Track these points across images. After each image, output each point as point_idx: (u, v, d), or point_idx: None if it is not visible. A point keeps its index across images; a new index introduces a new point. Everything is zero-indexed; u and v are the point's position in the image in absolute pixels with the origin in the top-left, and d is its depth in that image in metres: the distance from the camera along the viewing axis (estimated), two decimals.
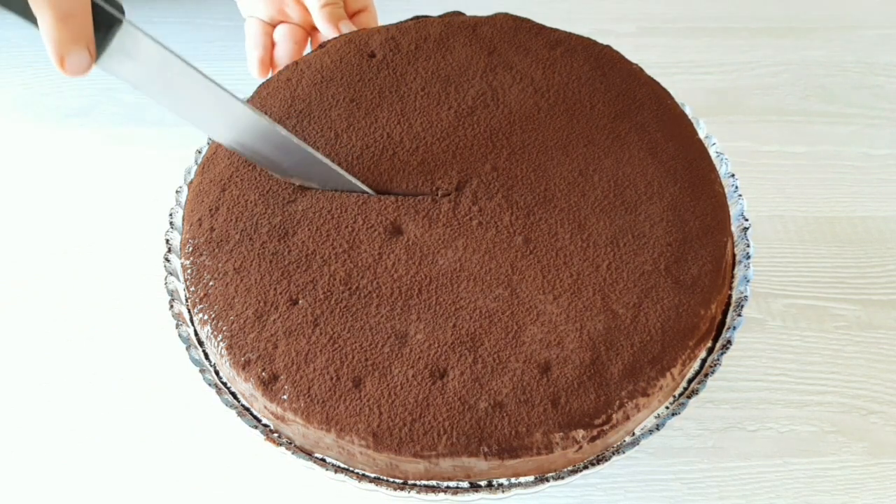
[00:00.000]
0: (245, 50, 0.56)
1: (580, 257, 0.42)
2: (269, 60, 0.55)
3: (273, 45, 0.56)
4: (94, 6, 0.36)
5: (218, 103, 0.41)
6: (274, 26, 0.56)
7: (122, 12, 0.37)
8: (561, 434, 0.37)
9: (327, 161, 0.44)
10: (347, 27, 0.53)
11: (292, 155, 0.43)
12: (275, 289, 0.41)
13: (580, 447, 0.38)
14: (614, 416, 0.38)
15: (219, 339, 0.40)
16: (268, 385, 0.39)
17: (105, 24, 0.37)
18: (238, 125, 0.43)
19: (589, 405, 0.37)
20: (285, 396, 0.38)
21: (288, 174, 0.44)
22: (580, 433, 0.37)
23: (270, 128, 0.43)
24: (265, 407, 0.39)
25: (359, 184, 0.44)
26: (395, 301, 0.40)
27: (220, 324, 0.40)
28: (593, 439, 0.38)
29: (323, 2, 0.53)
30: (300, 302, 0.41)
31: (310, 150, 0.43)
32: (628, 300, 0.40)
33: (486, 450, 0.37)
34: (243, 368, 0.39)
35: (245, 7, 0.57)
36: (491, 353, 0.39)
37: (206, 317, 0.41)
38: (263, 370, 0.39)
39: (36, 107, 0.63)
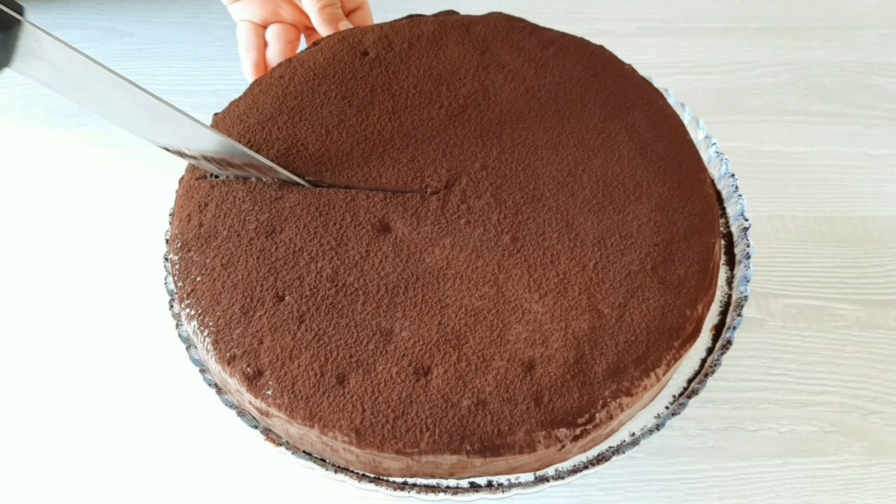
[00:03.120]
0: (239, 53, 0.56)
1: (567, 257, 0.42)
2: (263, 63, 0.55)
3: (266, 46, 0.56)
4: None
5: (130, 98, 0.41)
6: (265, 27, 0.56)
7: (21, 13, 0.37)
8: (544, 433, 0.37)
9: (248, 150, 0.44)
10: (346, 27, 0.53)
11: (214, 146, 0.43)
12: (261, 285, 0.41)
13: (563, 446, 0.38)
14: (598, 415, 0.38)
15: (205, 334, 0.40)
16: (252, 380, 0.39)
17: (4, 25, 0.37)
18: (151, 118, 0.42)
19: (572, 404, 0.38)
20: (269, 392, 0.38)
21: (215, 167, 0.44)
22: (563, 432, 0.37)
23: (181, 118, 0.42)
24: (250, 402, 0.39)
25: (290, 175, 0.44)
26: (382, 298, 0.40)
27: (206, 319, 0.41)
28: (576, 438, 0.38)
29: (321, 4, 0.53)
30: (286, 298, 0.41)
31: (224, 137, 0.43)
32: (614, 300, 0.40)
33: (468, 448, 0.37)
34: (228, 364, 0.39)
35: (236, 11, 0.57)
36: (475, 351, 0.39)
37: (192, 312, 0.41)
38: (248, 366, 0.39)
39: (36, 107, 0.63)
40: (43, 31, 0.38)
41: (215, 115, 0.48)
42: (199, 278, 0.42)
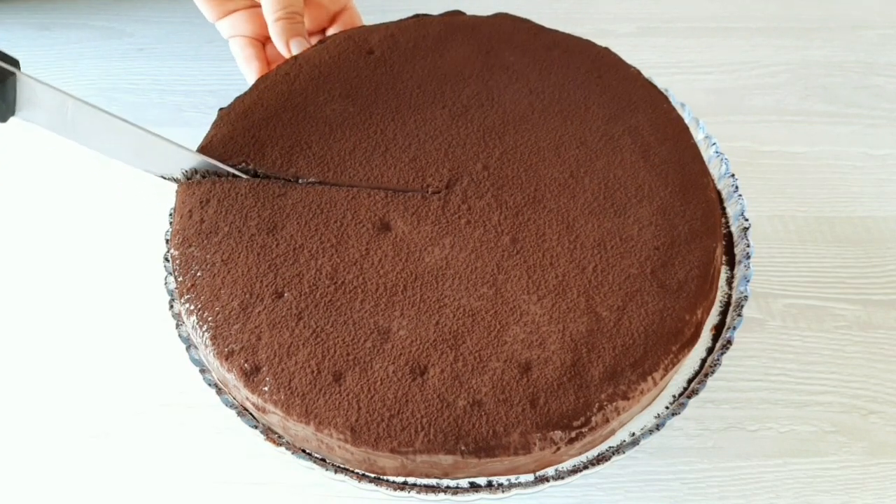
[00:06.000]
0: (239, 67, 0.56)
1: (566, 259, 0.42)
2: (266, 70, 0.55)
3: (265, 53, 0.55)
4: None
5: (119, 132, 0.43)
6: (259, 41, 0.56)
7: (18, 66, 0.40)
8: (539, 435, 0.37)
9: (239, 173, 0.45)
10: (298, 46, 0.51)
11: (204, 166, 0.45)
12: (261, 281, 0.41)
13: (558, 448, 0.37)
14: (593, 418, 0.38)
15: (204, 329, 0.40)
16: (250, 376, 0.39)
17: (2, 77, 0.39)
18: (142, 149, 0.44)
19: (568, 407, 0.37)
20: (266, 388, 0.38)
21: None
22: (558, 434, 0.37)
23: (180, 151, 0.44)
24: (247, 398, 0.39)
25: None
26: (380, 297, 0.41)
27: (205, 314, 0.41)
28: (571, 441, 0.37)
29: (277, 14, 0.51)
30: (285, 295, 0.41)
31: (219, 164, 0.45)
32: (612, 303, 0.40)
33: (463, 448, 0.37)
34: (226, 359, 0.39)
35: (224, 28, 0.56)
36: (472, 351, 0.39)
37: (192, 307, 0.41)
38: (246, 361, 0.39)
39: None
40: (35, 80, 0.40)
41: (220, 109, 0.49)
42: (199, 273, 0.42)
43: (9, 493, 0.46)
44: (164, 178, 0.46)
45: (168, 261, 0.44)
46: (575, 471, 0.39)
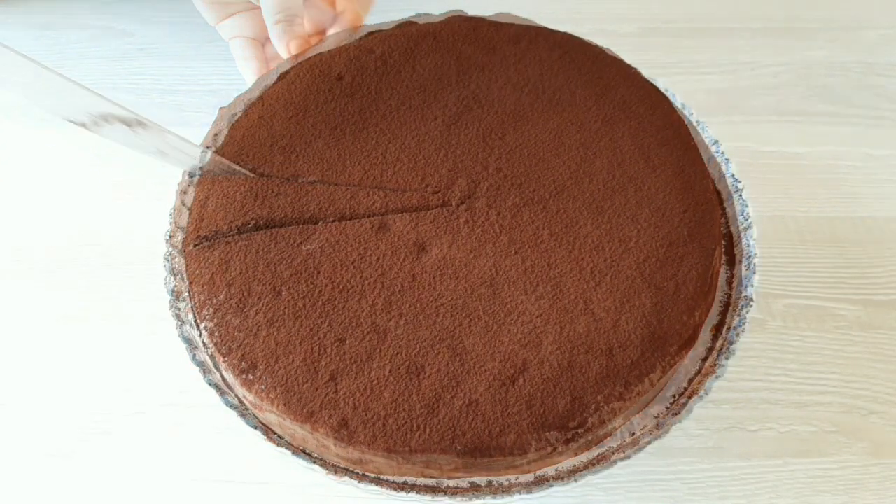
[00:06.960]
0: (238, 68, 0.56)
1: (564, 259, 0.42)
2: (265, 71, 0.55)
3: (265, 54, 0.55)
4: None
5: (42, 83, 0.41)
6: (259, 41, 0.56)
7: None
8: (535, 435, 0.37)
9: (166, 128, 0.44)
10: (298, 48, 0.51)
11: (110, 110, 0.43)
12: (259, 279, 0.41)
13: (554, 449, 0.37)
14: (589, 419, 0.38)
15: (201, 327, 0.41)
16: (246, 374, 0.39)
17: None
18: (68, 101, 0.42)
19: (564, 408, 0.37)
20: (262, 386, 0.38)
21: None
22: (554, 435, 0.37)
23: (80, 91, 0.42)
24: (244, 396, 0.39)
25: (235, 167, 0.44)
26: (378, 296, 0.41)
27: (203, 312, 0.41)
28: (567, 442, 0.37)
29: (276, 17, 0.51)
30: (283, 293, 0.41)
31: (146, 120, 0.43)
32: (610, 304, 0.40)
33: (458, 448, 0.37)
34: (224, 357, 0.39)
35: (225, 30, 0.56)
36: (469, 351, 0.39)
37: (190, 304, 0.41)
38: (243, 359, 0.39)
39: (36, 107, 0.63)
40: None
41: (221, 108, 0.49)
42: (197, 271, 0.42)
43: (9, 491, 0.46)
44: (74, 123, 0.43)
45: (168, 261, 0.44)
46: (575, 471, 0.39)
